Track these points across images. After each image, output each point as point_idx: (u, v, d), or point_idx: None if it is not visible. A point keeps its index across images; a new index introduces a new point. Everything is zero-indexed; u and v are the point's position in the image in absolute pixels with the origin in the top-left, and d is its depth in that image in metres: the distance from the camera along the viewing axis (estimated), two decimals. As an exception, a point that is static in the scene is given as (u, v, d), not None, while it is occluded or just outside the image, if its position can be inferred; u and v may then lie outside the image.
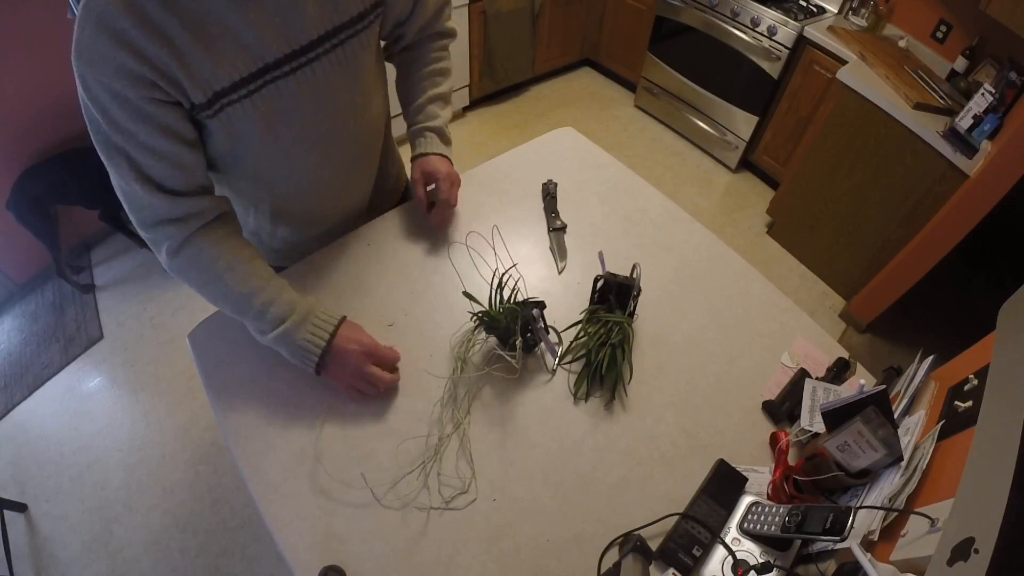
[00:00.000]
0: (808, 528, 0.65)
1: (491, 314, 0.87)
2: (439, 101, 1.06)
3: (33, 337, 2.26)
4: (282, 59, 0.74)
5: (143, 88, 0.66)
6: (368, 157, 1.04)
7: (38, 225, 2.11)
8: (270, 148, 0.82)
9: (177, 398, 2.04)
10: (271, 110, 0.77)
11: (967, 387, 0.69)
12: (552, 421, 0.88)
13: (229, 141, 0.79)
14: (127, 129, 0.69)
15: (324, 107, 0.83)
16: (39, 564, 1.67)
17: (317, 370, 0.84)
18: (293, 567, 0.73)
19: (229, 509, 1.77)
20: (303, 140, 0.85)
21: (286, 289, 0.86)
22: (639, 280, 0.93)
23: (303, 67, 0.76)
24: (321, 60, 0.78)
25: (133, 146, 0.70)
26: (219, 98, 0.72)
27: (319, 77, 0.79)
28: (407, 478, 0.80)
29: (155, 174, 0.73)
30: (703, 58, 2.73)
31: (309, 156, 0.88)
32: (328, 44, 0.78)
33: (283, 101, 0.77)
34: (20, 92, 2.01)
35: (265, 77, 0.74)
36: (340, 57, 0.80)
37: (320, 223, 1.07)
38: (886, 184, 2.05)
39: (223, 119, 0.74)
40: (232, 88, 0.72)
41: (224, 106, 0.73)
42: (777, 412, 0.88)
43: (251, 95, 0.74)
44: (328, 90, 0.82)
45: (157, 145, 0.71)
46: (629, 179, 1.25)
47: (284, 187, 0.92)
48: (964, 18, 2.08)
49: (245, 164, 0.85)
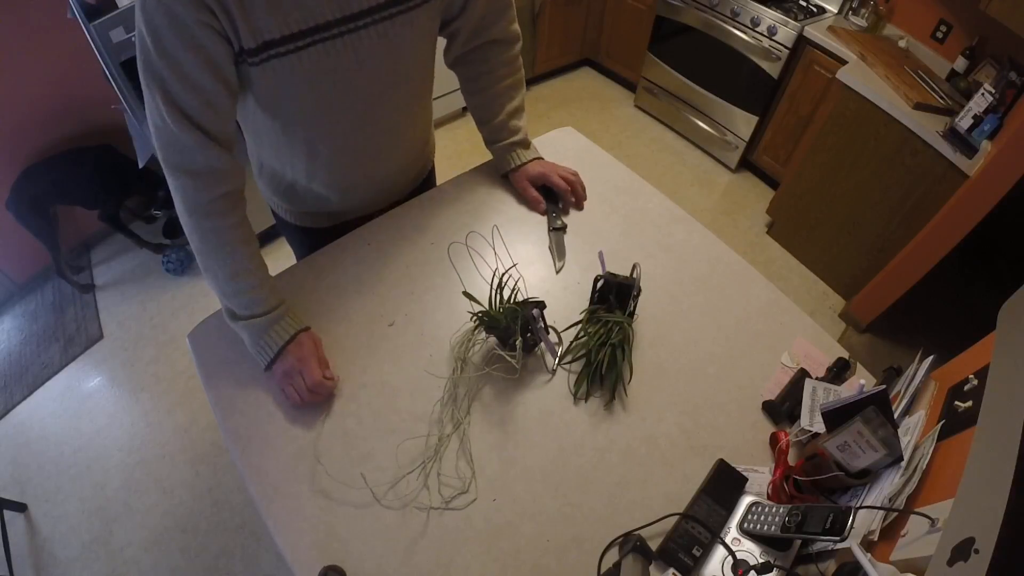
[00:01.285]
0: (808, 528, 0.65)
1: (491, 314, 0.87)
2: (518, 114, 1.13)
3: (33, 337, 2.26)
4: (332, 22, 0.78)
5: (203, 12, 0.69)
6: (403, 129, 1.06)
7: (38, 225, 2.11)
8: (313, 104, 0.88)
9: (177, 398, 2.04)
10: (315, 68, 0.81)
11: (967, 387, 0.69)
12: (552, 421, 0.88)
13: (272, 90, 0.83)
14: (174, 57, 0.71)
15: (366, 73, 0.87)
16: (39, 564, 1.68)
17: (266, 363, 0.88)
18: (293, 567, 0.73)
19: (229, 509, 1.77)
20: (342, 99, 0.89)
21: (271, 284, 0.91)
22: (639, 280, 0.93)
23: (350, 33, 0.80)
24: (368, 30, 0.82)
25: (176, 75, 0.73)
26: (267, 48, 0.76)
27: (364, 44, 0.83)
28: (407, 478, 0.80)
29: (188, 106, 0.76)
30: (703, 58, 2.73)
31: (346, 115, 0.92)
32: (377, 16, 0.82)
33: (329, 60, 0.81)
34: (20, 92, 2.01)
35: (314, 36, 0.78)
36: (386, 30, 0.84)
37: (350, 190, 1.09)
38: (886, 184, 2.05)
39: (267, 69, 0.78)
40: (281, 41, 0.76)
41: (271, 57, 0.77)
42: (777, 412, 0.88)
43: (298, 51, 0.78)
44: (370, 59, 0.85)
45: (199, 78, 0.74)
46: (629, 179, 1.25)
47: (320, 144, 0.96)
48: (964, 18, 2.08)
49: (287, 113, 0.89)
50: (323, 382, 0.86)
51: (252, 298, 0.87)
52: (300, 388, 0.85)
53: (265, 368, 0.88)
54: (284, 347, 0.87)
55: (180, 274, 2.37)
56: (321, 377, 0.86)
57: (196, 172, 0.80)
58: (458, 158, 2.90)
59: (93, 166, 2.11)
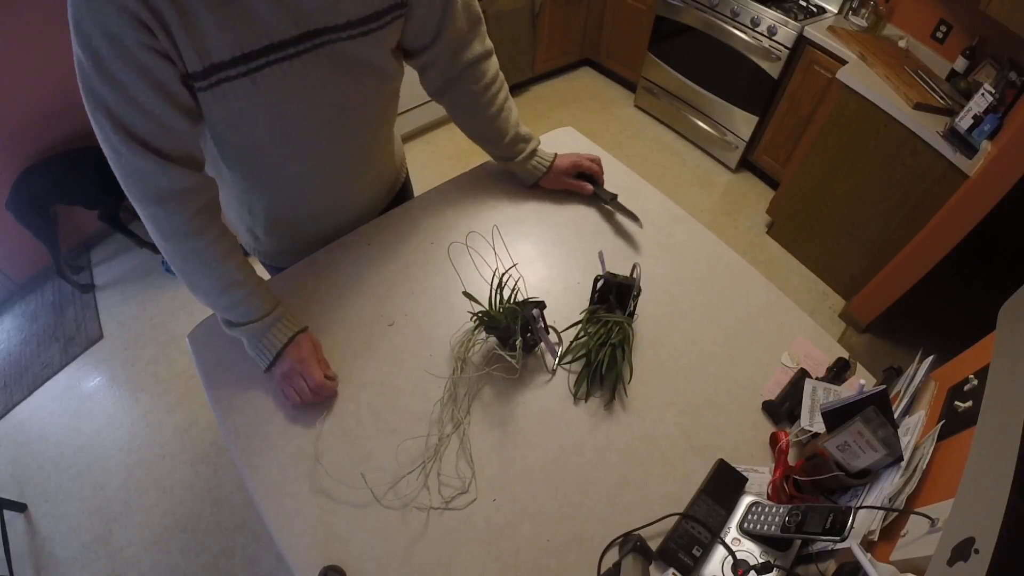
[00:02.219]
0: (808, 528, 0.65)
1: (491, 314, 0.87)
2: (521, 126, 1.12)
3: (33, 337, 2.26)
4: (288, 40, 0.73)
5: (142, 32, 0.63)
6: (373, 147, 1.02)
7: (38, 225, 2.11)
8: (273, 130, 0.82)
9: (177, 398, 2.04)
10: (274, 91, 0.76)
11: (967, 387, 0.69)
12: (552, 421, 0.88)
13: (227, 120, 0.77)
14: (117, 80, 0.66)
15: (327, 95, 0.83)
16: (39, 564, 1.67)
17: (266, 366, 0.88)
18: (293, 567, 0.73)
19: (229, 509, 1.77)
20: (306, 124, 0.84)
21: (264, 288, 0.89)
22: (639, 280, 0.93)
23: (308, 52, 0.75)
24: (327, 49, 0.77)
25: (123, 99, 0.67)
26: (216, 71, 0.70)
27: (323, 65, 0.78)
28: (407, 478, 0.80)
29: (141, 130, 0.70)
30: (703, 58, 2.73)
31: (314, 141, 0.88)
32: (335, 36, 0.77)
33: (286, 83, 0.76)
34: (20, 92, 2.01)
35: (269, 56, 0.72)
36: (345, 50, 0.79)
37: (322, 217, 1.06)
38: (886, 184, 2.05)
39: (219, 94, 0.72)
40: (232, 63, 0.70)
41: (222, 80, 0.71)
42: (777, 412, 0.88)
43: (252, 73, 0.72)
44: (331, 80, 0.81)
45: (147, 101, 0.68)
46: (629, 179, 1.25)
47: (284, 175, 0.92)
48: (964, 18, 2.08)
49: (245, 148, 0.84)
50: (325, 383, 0.86)
51: (247, 308, 0.85)
52: (301, 389, 0.85)
53: (265, 370, 0.88)
54: (283, 349, 0.87)
55: (180, 274, 2.37)
56: (323, 378, 0.86)
57: (163, 197, 0.75)
58: (458, 158, 2.90)
59: (93, 166, 2.11)
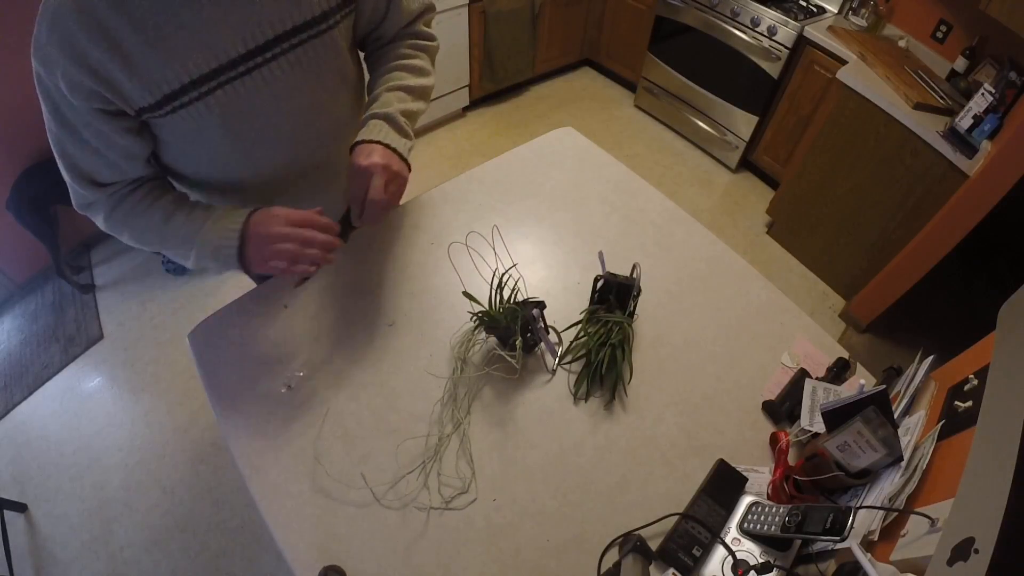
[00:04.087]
0: (808, 528, 0.65)
1: (491, 314, 0.87)
2: (399, 91, 0.90)
3: (33, 337, 2.25)
4: (237, 59, 0.72)
5: (84, 97, 0.67)
6: (336, 157, 0.95)
7: (38, 225, 2.11)
8: (231, 149, 0.81)
9: (177, 398, 2.03)
10: (229, 111, 0.75)
11: (967, 387, 0.69)
12: (552, 421, 0.88)
13: (186, 143, 0.79)
14: (71, 124, 0.70)
15: (284, 107, 0.81)
16: (39, 564, 1.67)
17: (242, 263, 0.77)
18: (293, 567, 0.73)
19: (229, 509, 1.77)
20: (265, 140, 0.83)
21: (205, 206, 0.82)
22: (639, 280, 0.93)
23: (260, 67, 0.75)
24: (279, 60, 0.76)
25: (73, 141, 0.72)
26: (171, 100, 0.71)
27: (277, 77, 0.77)
28: (407, 478, 0.80)
29: (90, 169, 0.75)
30: (703, 58, 2.73)
31: (275, 156, 0.86)
32: (287, 44, 0.76)
33: (241, 101, 0.76)
34: (19, 92, 2.01)
35: (220, 78, 0.72)
36: (300, 57, 0.78)
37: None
38: (886, 184, 2.05)
39: (177, 120, 0.73)
40: (183, 90, 0.70)
41: (177, 108, 0.72)
42: (777, 412, 0.88)
43: (205, 96, 0.72)
44: (288, 90, 0.80)
45: (99, 146, 0.73)
46: (629, 179, 1.25)
47: (250, 192, 0.90)
48: (964, 18, 2.08)
49: (207, 168, 0.85)
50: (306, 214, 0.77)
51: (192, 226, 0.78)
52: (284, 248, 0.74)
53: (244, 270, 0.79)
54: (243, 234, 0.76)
55: (180, 274, 2.37)
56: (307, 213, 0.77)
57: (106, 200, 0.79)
58: (458, 158, 2.90)
59: (93, 166, 2.10)
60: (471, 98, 3.08)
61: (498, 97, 3.29)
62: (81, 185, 0.76)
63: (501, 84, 3.14)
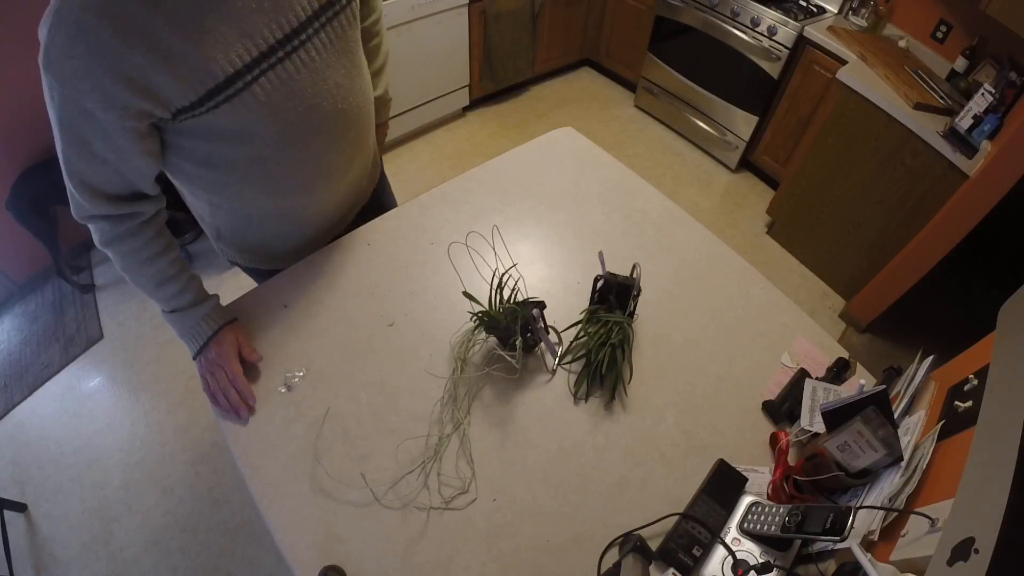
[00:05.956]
0: (808, 528, 0.65)
1: (491, 314, 0.87)
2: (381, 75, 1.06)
3: (33, 337, 2.25)
4: (275, 44, 0.73)
5: (118, 112, 0.65)
6: (367, 133, 1.01)
7: (38, 225, 2.11)
8: (278, 136, 0.81)
9: (177, 398, 2.03)
10: (273, 98, 0.75)
11: (967, 387, 0.69)
12: (552, 421, 0.88)
13: (223, 140, 0.78)
14: (84, 140, 0.68)
15: (323, 86, 0.82)
16: (39, 564, 1.67)
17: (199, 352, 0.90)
18: (293, 567, 0.73)
19: (229, 509, 1.77)
20: (308, 121, 0.83)
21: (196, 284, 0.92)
22: (639, 280, 0.93)
23: (297, 49, 0.76)
24: (313, 40, 0.77)
25: (82, 157, 0.70)
26: (213, 95, 0.70)
27: (313, 57, 0.78)
28: (407, 478, 0.80)
29: (99, 183, 0.74)
30: (703, 58, 2.73)
31: (316, 137, 0.87)
32: (318, 23, 0.77)
33: (284, 86, 0.76)
34: (19, 92, 2.01)
35: (262, 65, 0.72)
36: (331, 34, 0.80)
37: (322, 216, 1.05)
38: (886, 184, 2.05)
39: (219, 116, 0.72)
40: (227, 82, 0.70)
41: (221, 103, 0.71)
42: (777, 412, 0.88)
43: (250, 85, 0.72)
44: (324, 68, 0.81)
45: (110, 158, 0.71)
46: (629, 179, 1.25)
47: (292, 178, 0.91)
48: (964, 18, 2.08)
49: (253, 156, 0.83)
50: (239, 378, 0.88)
51: (179, 300, 0.89)
52: (220, 380, 0.87)
53: (193, 357, 0.91)
54: (208, 340, 0.89)
55: (180, 274, 2.37)
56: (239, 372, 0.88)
57: (110, 217, 0.79)
58: (458, 158, 2.90)
59: (93, 166, 2.10)
60: (471, 98, 3.08)
61: (498, 97, 3.29)
62: (85, 197, 0.75)
63: (501, 84, 3.14)
